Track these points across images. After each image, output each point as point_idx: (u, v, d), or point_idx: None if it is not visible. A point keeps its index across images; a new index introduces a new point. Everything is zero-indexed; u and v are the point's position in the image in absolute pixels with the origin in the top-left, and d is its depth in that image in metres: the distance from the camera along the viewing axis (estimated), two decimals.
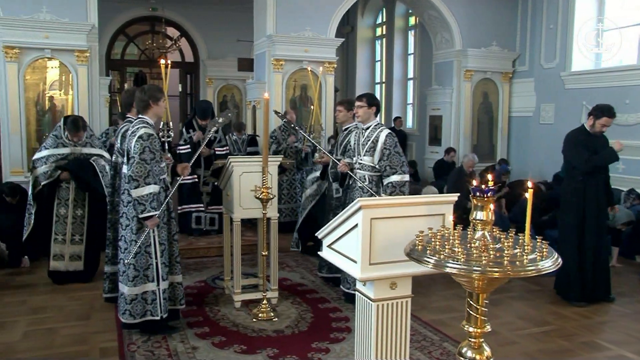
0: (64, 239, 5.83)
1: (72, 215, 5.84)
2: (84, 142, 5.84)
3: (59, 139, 5.75)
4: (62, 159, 5.71)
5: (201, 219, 7.59)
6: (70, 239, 5.84)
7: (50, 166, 5.65)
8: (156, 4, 13.59)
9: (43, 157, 5.70)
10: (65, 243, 5.83)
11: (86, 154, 5.82)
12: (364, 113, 5.09)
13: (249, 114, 10.65)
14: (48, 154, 5.70)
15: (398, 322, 3.14)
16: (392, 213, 2.96)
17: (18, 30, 7.92)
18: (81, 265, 5.91)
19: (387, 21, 14.48)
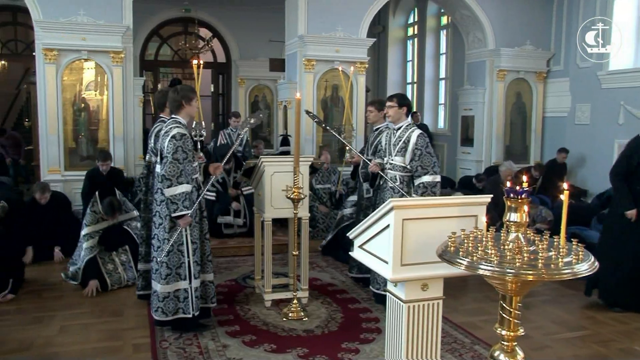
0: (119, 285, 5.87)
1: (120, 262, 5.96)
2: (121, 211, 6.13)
3: (98, 214, 5.95)
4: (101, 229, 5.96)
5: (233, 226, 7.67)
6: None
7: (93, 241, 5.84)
8: (189, 5, 13.75)
9: (86, 234, 5.86)
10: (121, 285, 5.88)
11: (121, 221, 6.13)
12: (395, 113, 5.07)
13: (280, 114, 10.69)
14: (90, 231, 5.87)
15: (429, 323, 3.12)
16: (424, 214, 2.94)
17: (57, 33, 8.10)
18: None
19: (418, 21, 14.37)
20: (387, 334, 3.29)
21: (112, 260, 5.89)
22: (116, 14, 8.41)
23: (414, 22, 14.78)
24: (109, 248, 5.95)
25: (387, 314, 3.27)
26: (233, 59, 14.45)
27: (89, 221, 5.92)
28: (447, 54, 13.42)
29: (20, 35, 13.58)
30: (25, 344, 4.38)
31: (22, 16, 12.32)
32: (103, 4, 8.30)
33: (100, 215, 5.94)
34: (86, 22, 8.18)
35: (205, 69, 13.80)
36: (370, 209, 5.36)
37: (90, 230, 5.88)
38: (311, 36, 9.30)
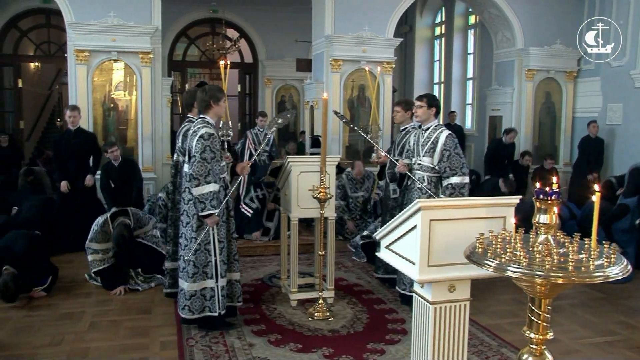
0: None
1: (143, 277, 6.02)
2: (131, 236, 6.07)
3: (108, 234, 5.91)
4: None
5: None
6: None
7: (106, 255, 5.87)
8: (217, 6, 13.87)
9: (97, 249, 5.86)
10: None
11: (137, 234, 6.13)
12: (424, 113, 5.04)
13: (307, 115, 10.71)
14: (100, 248, 5.86)
15: (456, 325, 3.10)
16: (451, 215, 2.92)
17: (88, 34, 8.26)
18: None
19: (446, 20, 14.27)
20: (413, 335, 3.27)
21: (131, 277, 5.93)
22: (145, 15, 8.53)
23: (441, 21, 14.67)
24: (126, 265, 5.94)
25: (414, 315, 3.25)
26: (260, 59, 14.54)
27: (99, 239, 5.85)
28: (474, 54, 13.29)
29: (53, 37, 13.86)
30: (56, 339, 4.48)
31: (55, 18, 12.58)
32: (133, 6, 8.43)
33: (109, 236, 5.89)
34: (116, 23, 8.31)
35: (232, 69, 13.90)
36: (397, 210, 5.33)
37: (100, 248, 5.85)
38: (338, 36, 9.30)
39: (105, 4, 8.30)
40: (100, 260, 5.80)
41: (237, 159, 6.57)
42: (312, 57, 10.66)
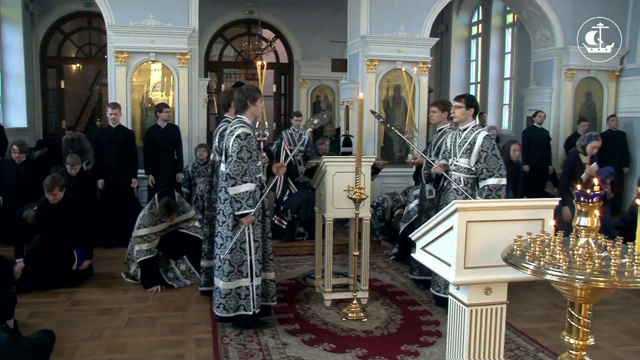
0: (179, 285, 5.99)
1: (180, 271, 6.11)
2: (178, 213, 6.15)
3: (156, 216, 6.03)
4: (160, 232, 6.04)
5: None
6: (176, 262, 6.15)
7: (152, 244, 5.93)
8: (253, 7, 13.98)
9: (142, 236, 5.92)
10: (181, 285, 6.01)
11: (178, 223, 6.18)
12: (461, 114, 4.98)
13: (342, 115, 10.71)
14: (148, 232, 5.95)
15: (492, 328, 3.06)
16: (489, 216, 2.89)
17: (127, 36, 8.42)
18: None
19: (483, 19, 14.09)
20: (448, 337, 3.25)
21: (171, 269, 6.04)
22: (183, 16, 8.65)
23: (478, 20, 14.49)
24: (169, 255, 6.07)
25: (449, 317, 3.23)
26: (295, 59, 14.59)
27: (146, 222, 5.96)
28: (512, 53, 13.09)
29: (94, 40, 14.19)
30: (96, 334, 4.59)
31: (96, 21, 12.89)
32: (171, 7, 8.55)
33: (158, 217, 6.01)
34: (155, 25, 8.45)
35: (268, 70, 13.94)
36: (433, 211, 5.29)
37: (148, 232, 5.92)
38: (373, 36, 9.27)
39: (144, 6, 8.45)
40: (146, 250, 5.85)
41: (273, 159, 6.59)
42: (347, 57, 10.64)
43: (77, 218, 5.96)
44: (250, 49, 14.45)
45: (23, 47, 11.96)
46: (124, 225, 6.78)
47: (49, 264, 5.73)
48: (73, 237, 5.91)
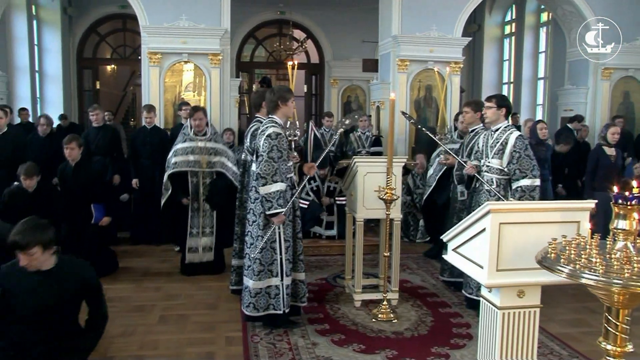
0: (197, 232, 6.19)
1: (202, 208, 6.19)
2: (209, 138, 6.17)
3: (186, 135, 6.15)
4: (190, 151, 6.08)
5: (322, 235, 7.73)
6: (202, 231, 6.20)
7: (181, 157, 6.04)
8: (284, 7, 14.04)
9: (174, 151, 6.15)
10: (199, 236, 6.19)
11: (210, 148, 6.13)
12: (493, 114, 4.92)
13: (373, 115, 10.68)
14: (177, 148, 6.14)
15: (525, 332, 3.03)
16: (522, 218, 2.85)
17: (161, 37, 8.56)
18: (212, 256, 6.25)
19: (516, 18, 13.89)
20: (479, 341, 3.21)
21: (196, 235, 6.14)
22: (215, 17, 8.74)
23: (511, 19, 14.30)
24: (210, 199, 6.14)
25: (480, 320, 3.19)
26: (326, 59, 14.61)
27: (178, 141, 6.15)
28: (546, 52, 12.88)
29: (128, 41, 14.44)
30: (129, 330, 4.67)
31: (130, 23, 13.12)
32: (203, 9, 8.66)
33: (188, 136, 6.11)
34: (187, 26, 8.56)
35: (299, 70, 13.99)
36: (464, 212, 5.24)
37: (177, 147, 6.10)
38: (405, 36, 9.23)
39: (177, 7, 8.57)
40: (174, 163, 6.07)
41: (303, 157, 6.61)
42: (378, 57, 10.62)
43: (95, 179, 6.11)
44: (281, 50, 14.52)
45: (61, 49, 12.29)
46: (157, 224, 6.89)
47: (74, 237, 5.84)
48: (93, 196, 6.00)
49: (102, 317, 3.52)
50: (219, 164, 6.13)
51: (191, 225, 6.19)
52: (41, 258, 3.16)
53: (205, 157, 6.09)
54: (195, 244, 6.21)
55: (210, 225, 6.23)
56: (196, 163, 6.09)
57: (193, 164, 6.08)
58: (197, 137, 6.11)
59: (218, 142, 6.27)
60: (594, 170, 6.61)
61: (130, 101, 18.26)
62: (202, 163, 6.09)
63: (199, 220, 6.19)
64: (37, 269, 3.21)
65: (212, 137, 6.21)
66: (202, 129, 6.12)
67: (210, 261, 6.26)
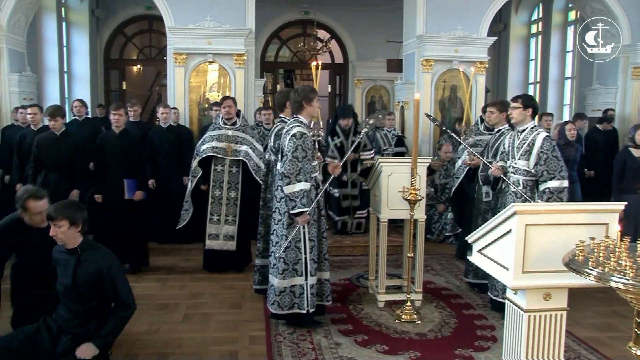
0: (218, 219, 6.24)
1: (226, 197, 6.24)
2: (238, 128, 6.24)
3: (216, 125, 6.28)
4: (217, 138, 6.17)
5: (347, 224, 7.71)
6: (225, 220, 6.24)
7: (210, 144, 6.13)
8: (308, 7, 14.07)
9: (203, 139, 6.27)
10: (220, 223, 6.24)
11: (237, 136, 6.20)
12: (519, 115, 4.86)
13: (397, 115, 10.64)
14: (206, 136, 6.26)
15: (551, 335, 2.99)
16: (549, 220, 2.82)
17: (186, 38, 8.64)
18: (234, 245, 6.27)
19: (543, 17, 13.71)
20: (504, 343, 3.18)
21: (216, 222, 6.22)
22: (240, 18, 8.79)
23: (538, 18, 14.11)
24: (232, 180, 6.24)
25: (506, 322, 3.16)
26: (350, 59, 14.60)
27: (208, 131, 6.30)
28: (574, 51, 12.68)
29: (154, 42, 14.60)
30: (153, 328, 4.72)
31: (156, 24, 13.29)
32: (228, 9, 8.71)
33: (217, 125, 6.22)
34: (212, 26, 8.63)
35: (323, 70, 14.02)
36: (489, 213, 5.20)
37: (205, 135, 6.26)
38: (429, 36, 9.17)
39: (202, 8, 8.64)
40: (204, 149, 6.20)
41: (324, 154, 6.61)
42: (402, 57, 10.57)
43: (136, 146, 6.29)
44: (305, 50, 14.55)
45: (88, 51, 12.50)
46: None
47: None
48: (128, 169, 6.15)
49: (122, 305, 3.60)
50: (243, 153, 6.18)
51: (211, 212, 6.25)
52: (68, 233, 3.42)
53: (231, 145, 6.16)
54: (215, 231, 6.25)
55: (233, 214, 6.27)
56: (222, 150, 6.15)
57: (218, 150, 6.15)
58: (226, 126, 6.18)
59: (247, 133, 6.31)
60: (621, 173, 6.49)
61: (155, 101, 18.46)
62: (227, 151, 6.15)
63: (222, 208, 6.24)
64: (63, 244, 3.49)
65: (242, 128, 6.28)
66: (231, 117, 6.21)
67: (232, 251, 6.28)
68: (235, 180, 6.25)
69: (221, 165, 6.22)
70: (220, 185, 6.24)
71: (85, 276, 3.48)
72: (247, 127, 6.43)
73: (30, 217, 3.94)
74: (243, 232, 6.33)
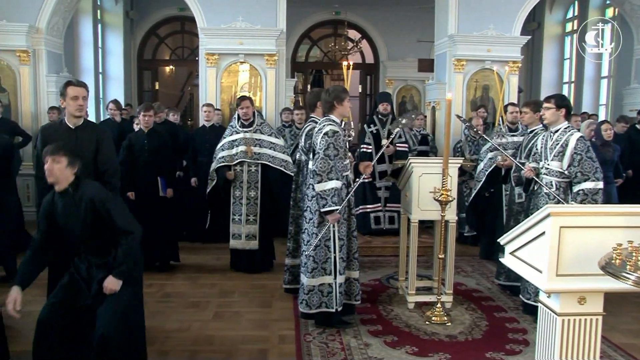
0: (240, 219, 6.29)
1: (246, 196, 6.28)
2: (255, 129, 6.26)
3: (233, 127, 6.30)
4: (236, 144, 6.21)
5: (380, 218, 7.68)
6: (246, 219, 6.29)
7: (228, 152, 6.19)
8: (339, 7, 14.06)
9: (221, 144, 6.31)
10: (242, 223, 6.28)
11: (255, 139, 6.23)
12: (552, 115, 4.78)
13: (429, 115, 10.56)
14: (224, 141, 6.29)
15: (586, 340, 2.92)
16: (584, 222, 2.76)
17: (218, 39, 8.72)
18: (256, 244, 6.30)
19: (579, 15, 13.44)
20: (537, 347, 3.13)
21: (239, 221, 6.26)
22: (271, 18, 8.84)
23: (573, 16, 13.85)
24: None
25: (539, 326, 3.11)
26: (381, 59, 14.55)
27: (225, 135, 6.34)
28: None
29: (186, 42, 14.79)
30: (184, 326, 4.77)
31: (189, 25, 13.47)
32: (260, 10, 8.77)
33: (235, 128, 6.26)
34: (244, 27, 8.70)
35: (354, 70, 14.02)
36: (522, 215, 5.13)
37: (225, 141, 6.27)
38: (461, 35, 9.08)
39: (234, 9, 8.72)
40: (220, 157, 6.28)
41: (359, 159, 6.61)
42: (434, 57, 10.49)
43: (166, 143, 6.41)
44: (336, 50, 14.54)
45: (122, 51, 12.73)
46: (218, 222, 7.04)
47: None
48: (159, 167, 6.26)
49: (124, 234, 3.56)
50: (264, 156, 6.22)
51: (233, 212, 6.30)
52: (64, 171, 3.49)
53: (251, 147, 6.20)
54: (238, 231, 6.30)
55: (254, 214, 6.31)
56: (242, 154, 6.19)
57: (238, 155, 6.19)
58: (243, 130, 6.22)
59: (264, 133, 6.33)
60: None
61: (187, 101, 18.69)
62: (248, 153, 6.19)
63: (242, 207, 6.28)
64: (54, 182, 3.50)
65: (258, 128, 6.30)
66: (249, 118, 6.24)
67: (255, 250, 6.32)
68: (255, 180, 6.29)
69: (240, 165, 6.26)
70: (240, 185, 6.29)
71: (83, 210, 3.50)
72: (263, 125, 6.43)
73: (67, 102, 4.17)
74: (266, 231, 6.37)
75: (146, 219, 6.10)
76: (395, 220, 7.57)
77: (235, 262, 6.42)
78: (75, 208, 3.52)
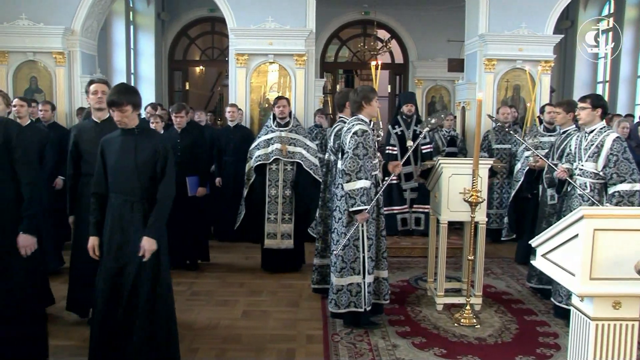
0: (275, 218, 6.31)
1: (282, 195, 6.30)
2: (290, 129, 6.30)
3: (268, 127, 6.36)
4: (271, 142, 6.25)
5: (407, 220, 7.64)
6: (282, 218, 6.31)
7: (265, 150, 6.24)
8: (368, 7, 14.02)
9: (257, 144, 6.36)
10: (277, 222, 6.31)
11: (290, 138, 6.27)
12: (588, 115, 4.68)
13: (459, 115, 10.45)
14: (259, 140, 6.36)
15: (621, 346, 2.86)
16: (619, 225, 2.70)
17: (248, 39, 8.77)
18: (291, 243, 6.33)
19: (615, 12, 13.15)
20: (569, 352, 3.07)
21: (274, 221, 6.28)
22: (300, 19, 8.86)
23: (608, 14, 13.55)
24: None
25: (571, 330, 3.05)
26: (410, 59, 14.46)
27: (260, 134, 6.44)
28: None
29: (216, 43, 14.92)
30: (213, 324, 4.82)
31: (219, 26, 13.58)
32: (289, 10, 8.79)
33: (270, 128, 6.32)
34: (273, 27, 8.73)
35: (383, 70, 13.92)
36: (554, 217, 5.04)
37: (259, 140, 6.35)
38: (492, 34, 8.96)
39: (264, 9, 8.75)
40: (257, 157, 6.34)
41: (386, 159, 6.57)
42: (464, 57, 10.38)
43: (200, 142, 6.53)
44: (365, 50, 14.51)
45: (154, 52, 12.91)
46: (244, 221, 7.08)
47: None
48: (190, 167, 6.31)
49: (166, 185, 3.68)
50: (298, 155, 6.24)
51: (268, 212, 6.33)
52: (131, 116, 3.65)
53: (286, 145, 6.22)
54: (273, 230, 6.33)
55: (289, 213, 6.33)
56: (277, 151, 6.22)
57: (274, 153, 6.22)
58: (279, 129, 6.27)
59: (299, 134, 6.37)
60: None
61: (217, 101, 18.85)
62: (282, 151, 6.22)
63: (278, 207, 6.31)
64: (124, 126, 3.67)
65: (294, 129, 6.34)
66: (285, 116, 6.28)
67: (289, 250, 6.34)
68: (290, 178, 6.31)
69: (276, 164, 6.29)
70: (276, 184, 6.31)
71: (145, 154, 3.64)
72: (299, 127, 6.49)
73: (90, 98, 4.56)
74: (299, 231, 6.39)
75: (175, 219, 6.22)
76: (422, 221, 7.54)
77: (267, 262, 6.43)
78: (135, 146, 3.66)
